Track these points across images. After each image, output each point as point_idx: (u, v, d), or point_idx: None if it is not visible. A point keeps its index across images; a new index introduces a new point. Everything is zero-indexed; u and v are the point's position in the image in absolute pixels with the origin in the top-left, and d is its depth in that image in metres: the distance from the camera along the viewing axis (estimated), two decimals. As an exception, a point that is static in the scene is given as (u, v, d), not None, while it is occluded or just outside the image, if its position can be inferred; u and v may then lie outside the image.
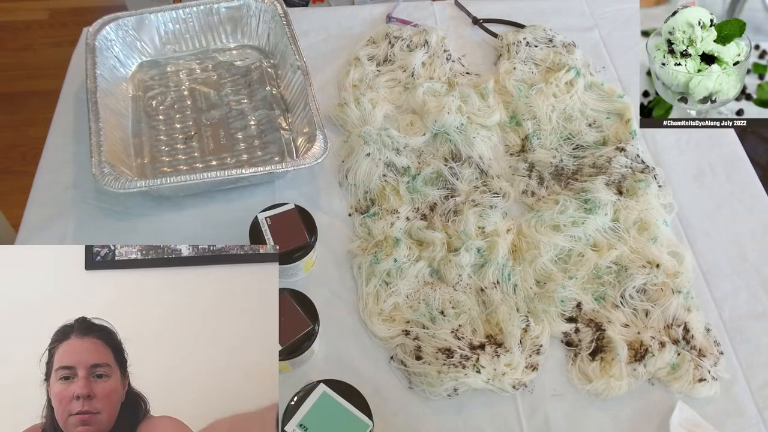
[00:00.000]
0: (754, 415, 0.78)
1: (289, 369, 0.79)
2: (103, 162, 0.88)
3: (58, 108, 1.05)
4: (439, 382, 0.77)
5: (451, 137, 0.99)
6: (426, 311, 0.84)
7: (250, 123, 1.03)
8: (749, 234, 0.94)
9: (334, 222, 0.94)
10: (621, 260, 0.88)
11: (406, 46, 1.12)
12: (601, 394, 0.78)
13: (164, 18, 1.08)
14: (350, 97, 1.04)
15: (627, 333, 0.82)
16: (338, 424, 0.69)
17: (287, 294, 0.78)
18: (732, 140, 1.04)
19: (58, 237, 0.91)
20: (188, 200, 0.95)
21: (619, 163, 0.96)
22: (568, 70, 1.06)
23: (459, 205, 0.92)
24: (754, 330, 0.85)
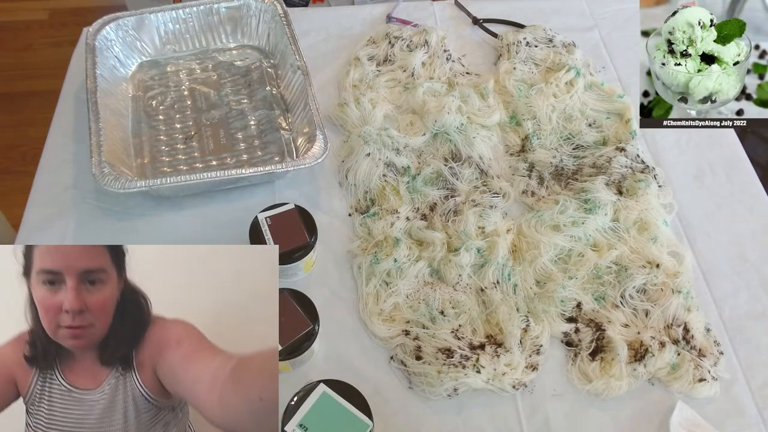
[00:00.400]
0: (754, 415, 0.78)
1: (289, 369, 0.79)
2: (103, 162, 0.88)
3: (58, 108, 1.05)
4: (439, 382, 0.77)
5: (451, 137, 0.99)
6: (426, 311, 0.84)
7: (250, 123, 1.03)
8: (749, 234, 0.94)
9: (334, 222, 0.94)
10: (621, 260, 0.88)
11: (406, 46, 1.12)
12: (601, 394, 0.78)
13: (164, 18, 1.08)
14: (350, 97, 1.04)
15: (627, 333, 0.82)
16: (338, 424, 0.69)
17: (287, 294, 0.78)
18: (732, 140, 1.04)
19: (58, 237, 0.91)
20: (188, 200, 0.95)
21: (619, 163, 0.96)
22: (568, 70, 1.06)
23: (459, 205, 0.92)
24: (754, 330, 0.85)
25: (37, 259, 0.47)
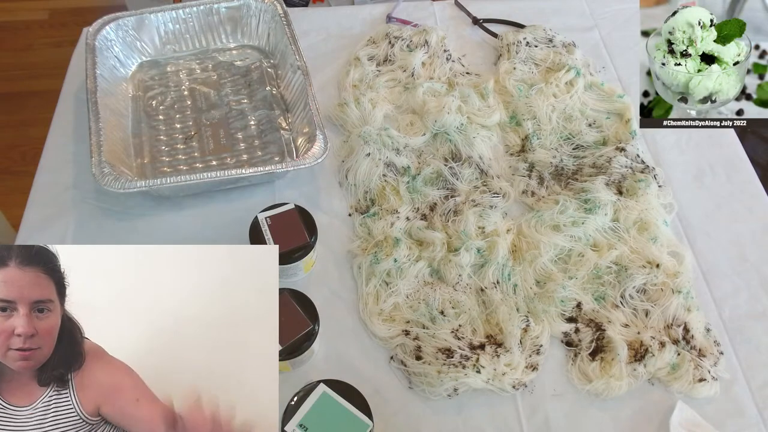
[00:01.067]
0: (754, 415, 0.78)
1: (289, 369, 0.79)
2: (103, 162, 0.88)
3: (58, 108, 1.05)
4: (439, 382, 0.77)
5: (451, 137, 0.99)
6: (426, 311, 0.84)
7: (250, 123, 1.03)
8: (749, 234, 0.94)
9: (334, 222, 0.94)
10: (621, 260, 0.88)
11: (406, 46, 1.12)
12: (601, 394, 0.78)
13: (164, 18, 1.08)
14: (350, 97, 1.04)
15: (627, 333, 0.82)
16: (338, 424, 0.69)
17: (287, 294, 0.78)
18: (732, 140, 1.04)
19: (58, 237, 0.91)
20: (188, 200, 0.95)
21: (619, 163, 0.96)
22: (568, 70, 1.06)
23: (459, 205, 0.92)
24: (754, 330, 0.85)
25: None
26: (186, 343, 0.70)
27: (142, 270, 0.71)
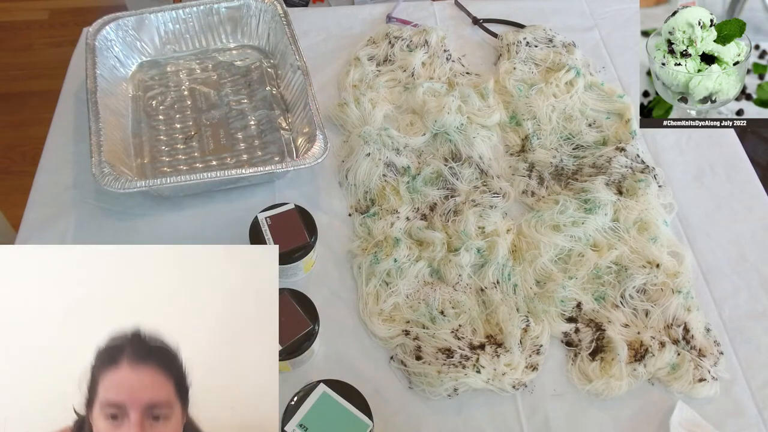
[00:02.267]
0: (754, 415, 0.78)
1: (289, 369, 0.79)
2: (103, 162, 0.88)
3: (58, 108, 1.05)
4: (439, 382, 0.77)
5: (451, 137, 0.99)
6: (426, 311, 0.84)
7: (250, 123, 1.03)
8: (749, 234, 0.94)
9: (334, 222, 0.94)
10: (621, 260, 0.88)
11: (406, 46, 1.12)
12: (601, 394, 0.78)
13: (164, 18, 1.08)
14: (350, 97, 1.04)
15: (627, 333, 0.82)
16: (338, 424, 0.69)
17: (287, 294, 0.78)
18: (732, 140, 1.04)
19: (58, 237, 0.91)
20: (188, 200, 0.95)
21: (619, 163, 0.96)
22: (568, 70, 1.06)
23: (459, 205, 0.92)
24: (754, 330, 0.85)
25: (102, 390, 0.44)
26: (186, 342, 0.70)
27: (141, 270, 0.72)
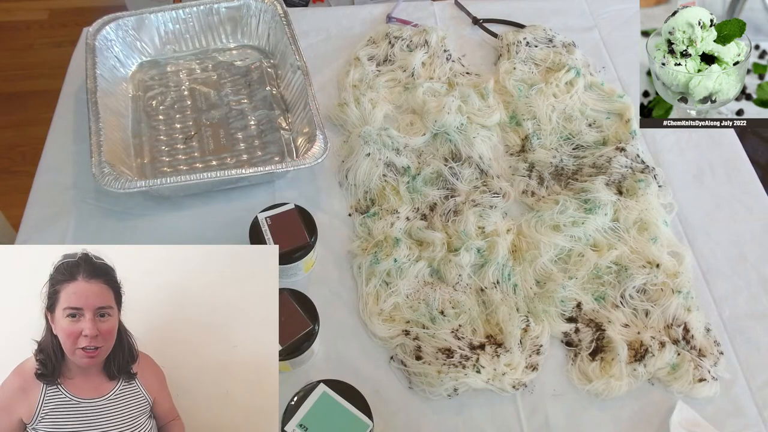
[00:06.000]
0: (754, 415, 0.78)
1: (289, 369, 0.79)
2: (103, 162, 0.88)
3: (58, 108, 1.05)
4: (439, 382, 0.77)
5: (451, 137, 0.99)
6: (426, 311, 0.84)
7: (250, 123, 1.03)
8: (749, 234, 0.94)
9: (334, 222, 0.94)
10: (621, 260, 0.88)
11: (406, 46, 1.12)
12: (601, 394, 0.78)
13: (164, 18, 1.08)
14: (350, 97, 1.04)
15: (627, 333, 0.82)
16: (338, 424, 0.69)
17: (287, 294, 0.78)
18: (732, 140, 1.04)
19: (58, 237, 0.91)
20: (188, 200, 0.95)
21: (619, 163, 0.96)
22: (568, 70, 1.06)
23: (459, 205, 0.92)
24: (754, 330, 0.85)
25: (63, 298, 0.64)
26: (186, 342, 0.70)
27: (141, 270, 0.72)
